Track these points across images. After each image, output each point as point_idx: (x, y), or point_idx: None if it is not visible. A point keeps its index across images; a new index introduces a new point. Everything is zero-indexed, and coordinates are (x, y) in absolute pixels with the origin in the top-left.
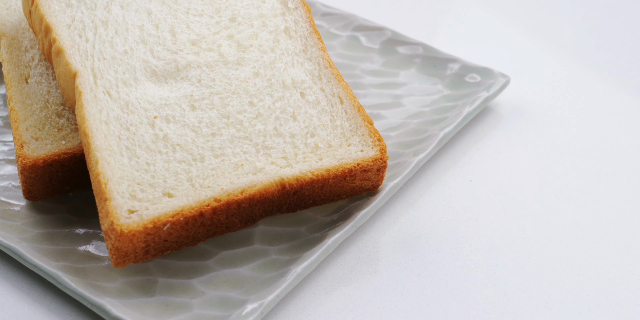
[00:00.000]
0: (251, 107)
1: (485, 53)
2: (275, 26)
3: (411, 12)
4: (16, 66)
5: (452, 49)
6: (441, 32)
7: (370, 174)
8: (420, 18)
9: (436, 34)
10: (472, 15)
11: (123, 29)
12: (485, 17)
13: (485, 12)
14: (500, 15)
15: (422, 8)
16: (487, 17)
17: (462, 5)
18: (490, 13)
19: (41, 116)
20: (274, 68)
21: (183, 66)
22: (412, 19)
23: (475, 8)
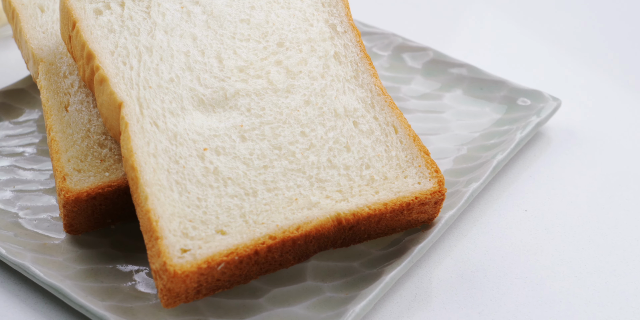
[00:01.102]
0: (303, 138)
1: (531, 74)
2: (324, 51)
3: (451, 31)
4: (55, 93)
5: (496, 68)
6: (482, 52)
7: (427, 207)
8: (460, 37)
9: (477, 54)
10: (512, 35)
11: (168, 55)
12: (527, 37)
13: (527, 32)
14: (543, 35)
15: (461, 27)
16: (529, 37)
17: (502, 25)
18: (533, 33)
19: (83, 146)
20: (325, 95)
21: (231, 94)
22: (453, 38)
23: (515, 28)
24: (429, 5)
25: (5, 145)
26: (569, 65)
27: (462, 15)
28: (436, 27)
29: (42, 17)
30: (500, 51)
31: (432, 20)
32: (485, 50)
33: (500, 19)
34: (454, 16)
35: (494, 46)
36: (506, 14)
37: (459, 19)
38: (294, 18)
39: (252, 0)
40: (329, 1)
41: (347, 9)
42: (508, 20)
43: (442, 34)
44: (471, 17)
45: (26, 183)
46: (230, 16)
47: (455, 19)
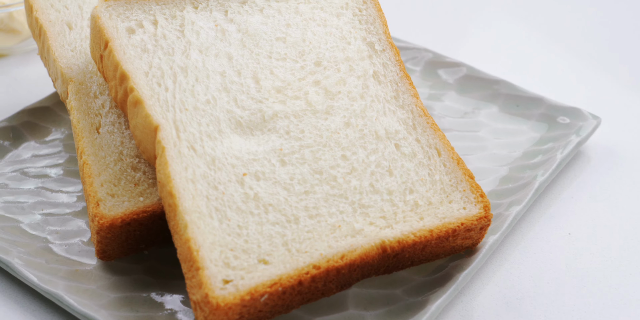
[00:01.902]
0: (344, 161)
1: (566, 90)
2: (363, 70)
3: (481, 46)
4: (86, 114)
5: (530, 84)
6: (515, 67)
7: (473, 233)
8: (490, 52)
9: (510, 69)
10: (544, 49)
11: (204, 76)
12: (559, 51)
13: (559, 47)
14: (576, 50)
15: (490, 42)
16: (561, 51)
17: (533, 39)
18: (566, 47)
19: (116, 170)
20: (365, 117)
21: (269, 116)
22: (483, 53)
23: (547, 42)
24: (452, 18)
25: (31, 166)
26: (606, 81)
27: (489, 28)
28: (463, 40)
29: (70, 34)
30: (533, 66)
31: (459, 34)
32: (518, 65)
33: (531, 34)
34: (481, 29)
35: (525, 61)
36: (536, 29)
37: (486, 32)
38: (330, 36)
39: (287, 18)
40: (366, 18)
41: (385, 27)
42: (539, 35)
43: (471, 48)
44: (500, 31)
45: (55, 206)
46: (265, 34)
47: (483, 32)
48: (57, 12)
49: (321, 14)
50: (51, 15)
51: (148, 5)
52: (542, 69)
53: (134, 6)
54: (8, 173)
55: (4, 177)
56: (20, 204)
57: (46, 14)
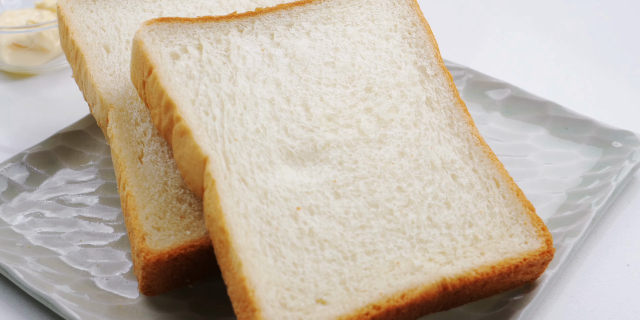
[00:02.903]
0: (400, 194)
1: (615, 111)
2: (415, 97)
3: (529, 68)
4: (128, 143)
5: (577, 105)
6: (560, 88)
7: (534, 268)
8: (532, 72)
9: (555, 89)
10: (587, 70)
11: (252, 103)
12: (602, 71)
13: (601, 66)
14: (617, 68)
15: (532, 61)
16: (604, 71)
17: (576, 60)
18: (607, 66)
19: (160, 202)
20: (420, 146)
21: (321, 146)
22: (530, 75)
23: (590, 62)
24: (480, 33)
25: (67, 193)
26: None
27: (523, 46)
28: (498, 59)
29: (108, 57)
30: (577, 86)
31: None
32: (563, 86)
33: (574, 54)
34: (519, 47)
35: (570, 82)
36: (581, 50)
37: (526, 51)
38: (380, 60)
39: (335, 41)
40: (416, 41)
41: (436, 50)
42: (584, 55)
43: (508, 67)
44: (532, 47)
45: (93, 236)
46: (313, 59)
47: (523, 51)
48: (93, 34)
49: (370, 37)
50: (88, 37)
51: (192, 28)
52: (586, 89)
53: (177, 30)
54: (44, 201)
55: (39, 205)
56: (58, 235)
57: (83, 36)
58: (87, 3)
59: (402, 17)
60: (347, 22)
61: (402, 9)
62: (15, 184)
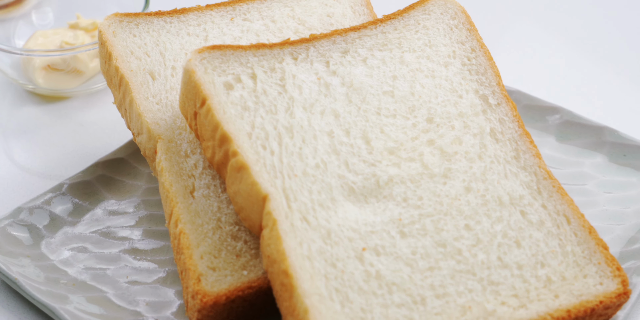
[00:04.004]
0: (468, 232)
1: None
2: (479, 128)
3: (579, 90)
4: (178, 176)
5: (635, 131)
6: (616, 113)
7: (610, 310)
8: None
9: (610, 114)
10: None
11: (310, 136)
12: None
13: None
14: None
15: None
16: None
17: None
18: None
19: (215, 240)
20: (486, 181)
21: (384, 182)
22: (582, 98)
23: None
24: (535, 55)
25: (111, 226)
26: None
27: (575, 67)
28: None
29: (154, 85)
30: (634, 111)
31: (543, 73)
32: (617, 110)
33: (628, 77)
34: (567, 68)
35: (624, 106)
36: (636, 72)
37: (574, 72)
38: (440, 89)
39: (393, 69)
40: (476, 68)
41: (498, 78)
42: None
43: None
44: (591, 73)
45: (139, 272)
46: (372, 88)
47: (570, 72)
48: (137, 60)
49: (428, 64)
50: (132, 63)
51: (245, 57)
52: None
53: (229, 58)
54: (87, 234)
55: (83, 239)
56: (104, 271)
57: (127, 62)
58: (130, 27)
59: (460, 43)
60: (404, 48)
61: (459, 34)
62: (57, 216)
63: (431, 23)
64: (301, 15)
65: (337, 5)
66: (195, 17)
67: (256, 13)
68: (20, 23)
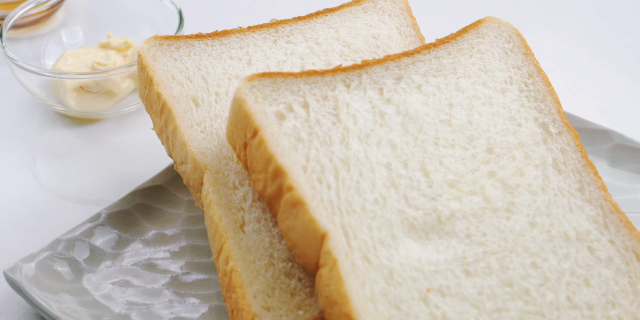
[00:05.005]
0: (535, 270)
1: None
2: (540, 158)
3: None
4: (227, 210)
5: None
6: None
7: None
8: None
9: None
10: None
11: (367, 169)
12: None
13: None
14: None
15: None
16: None
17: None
18: None
19: (268, 277)
20: (551, 215)
21: (446, 217)
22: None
23: None
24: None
25: (152, 258)
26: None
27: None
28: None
29: (198, 112)
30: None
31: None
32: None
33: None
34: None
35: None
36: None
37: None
38: (499, 117)
39: (448, 96)
40: (534, 95)
41: (557, 105)
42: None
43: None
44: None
45: (184, 307)
46: (428, 117)
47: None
48: (180, 85)
49: (484, 91)
50: (174, 89)
51: (296, 84)
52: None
53: (280, 86)
54: (128, 267)
55: (123, 272)
56: (147, 306)
57: (169, 88)
58: (170, 51)
59: (516, 68)
60: (458, 73)
61: (515, 58)
62: (97, 249)
63: (485, 47)
64: (346, 37)
65: (382, 26)
66: (237, 39)
67: (299, 35)
68: (50, 42)
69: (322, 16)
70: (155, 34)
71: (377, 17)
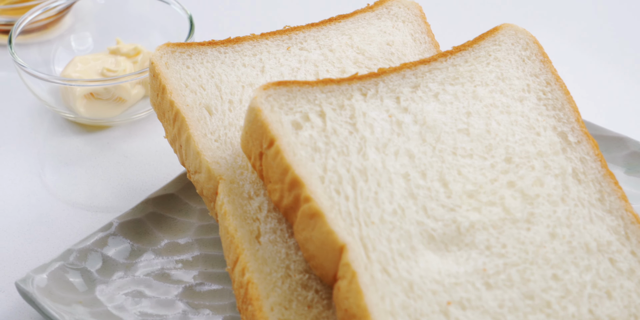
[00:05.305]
0: (556, 282)
1: None
2: (560, 168)
3: None
4: (243, 220)
5: None
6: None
7: None
8: None
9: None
10: None
11: (385, 179)
12: None
13: None
14: None
15: None
16: None
17: None
18: None
19: (284, 289)
20: (571, 226)
21: (466, 228)
22: None
23: None
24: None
25: (164, 268)
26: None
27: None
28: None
29: (212, 120)
30: None
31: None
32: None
33: None
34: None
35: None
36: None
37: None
38: (517, 126)
39: (466, 105)
40: (552, 103)
41: (576, 113)
42: None
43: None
44: None
45: (201, 319)
46: (445, 126)
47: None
48: (193, 93)
49: (502, 99)
50: (187, 98)
51: (312, 93)
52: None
53: (296, 95)
54: (141, 278)
55: (136, 282)
56: (161, 317)
57: (182, 96)
58: (183, 58)
59: (534, 75)
60: (476, 81)
61: (533, 66)
62: (109, 259)
63: (502, 54)
64: (360, 43)
65: (396, 33)
66: (250, 46)
67: (313, 42)
68: (59, 48)
69: (336, 23)
70: (165, 39)
71: (391, 24)
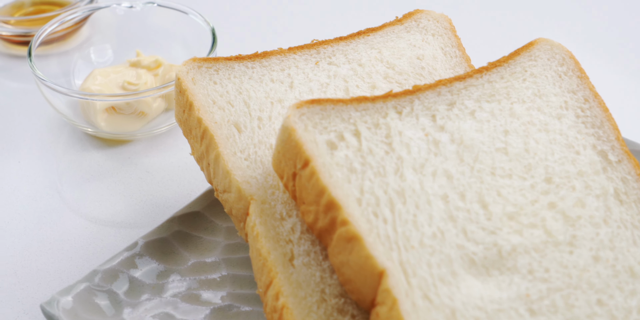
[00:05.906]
0: (601, 308)
1: None
2: (601, 188)
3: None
4: (275, 242)
5: None
6: None
7: None
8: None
9: None
10: None
11: (424, 201)
12: None
13: None
14: None
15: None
16: None
17: None
18: None
19: (320, 314)
20: (615, 248)
21: (507, 252)
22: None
23: None
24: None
25: (192, 288)
26: None
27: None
28: None
29: (241, 138)
30: None
31: None
32: None
33: None
34: None
35: None
36: None
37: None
38: (556, 144)
39: (503, 123)
40: (591, 121)
41: (616, 131)
42: None
43: None
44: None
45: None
46: (483, 145)
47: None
48: (221, 110)
49: (540, 116)
50: (215, 115)
51: (346, 111)
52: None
53: (330, 113)
54: (168, 299)
55: (163, 304)
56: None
57: (210, 113)
58: (210, 73)
59: (571, 92)
60: (512, 99)
61: (570, 82)
62: (136, 280)
63: (539, 70)
64: (389, 58)
65: (426, 47)
66: (278, 61)
67: (342, 56)
68: (78, 60)
69: (365, 36)
70: (186, 51)
71: (421, 37)
